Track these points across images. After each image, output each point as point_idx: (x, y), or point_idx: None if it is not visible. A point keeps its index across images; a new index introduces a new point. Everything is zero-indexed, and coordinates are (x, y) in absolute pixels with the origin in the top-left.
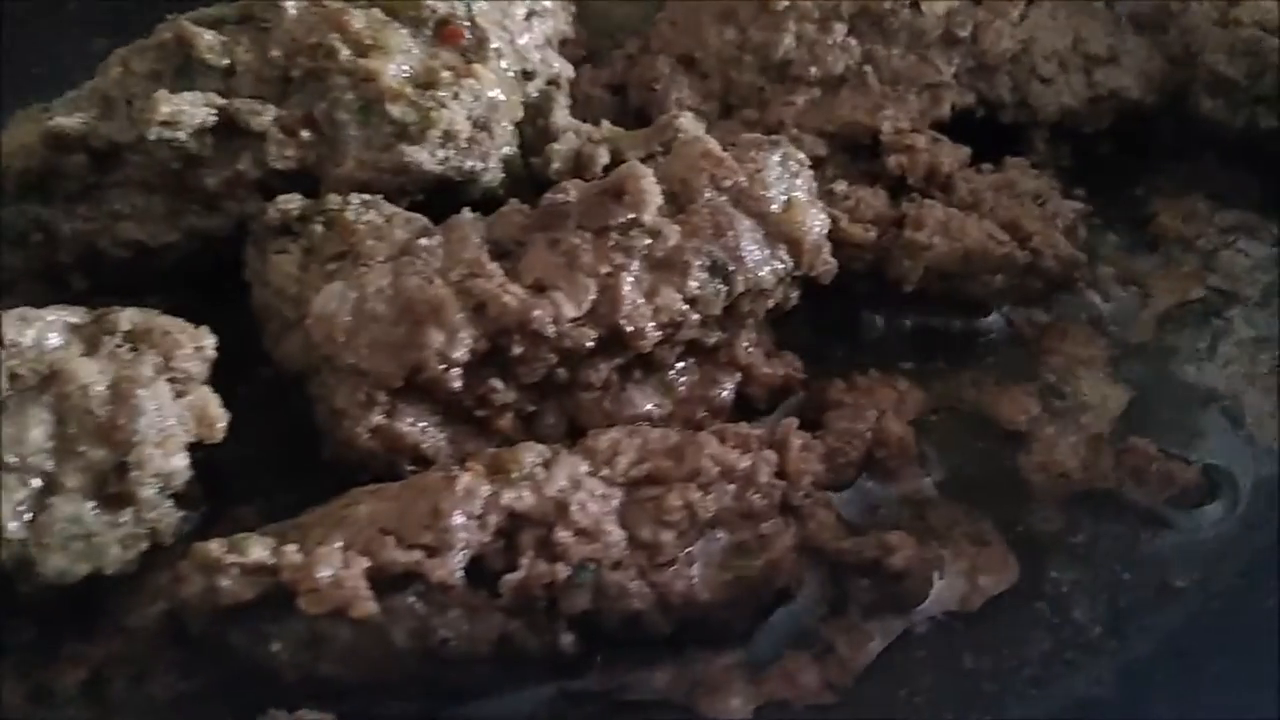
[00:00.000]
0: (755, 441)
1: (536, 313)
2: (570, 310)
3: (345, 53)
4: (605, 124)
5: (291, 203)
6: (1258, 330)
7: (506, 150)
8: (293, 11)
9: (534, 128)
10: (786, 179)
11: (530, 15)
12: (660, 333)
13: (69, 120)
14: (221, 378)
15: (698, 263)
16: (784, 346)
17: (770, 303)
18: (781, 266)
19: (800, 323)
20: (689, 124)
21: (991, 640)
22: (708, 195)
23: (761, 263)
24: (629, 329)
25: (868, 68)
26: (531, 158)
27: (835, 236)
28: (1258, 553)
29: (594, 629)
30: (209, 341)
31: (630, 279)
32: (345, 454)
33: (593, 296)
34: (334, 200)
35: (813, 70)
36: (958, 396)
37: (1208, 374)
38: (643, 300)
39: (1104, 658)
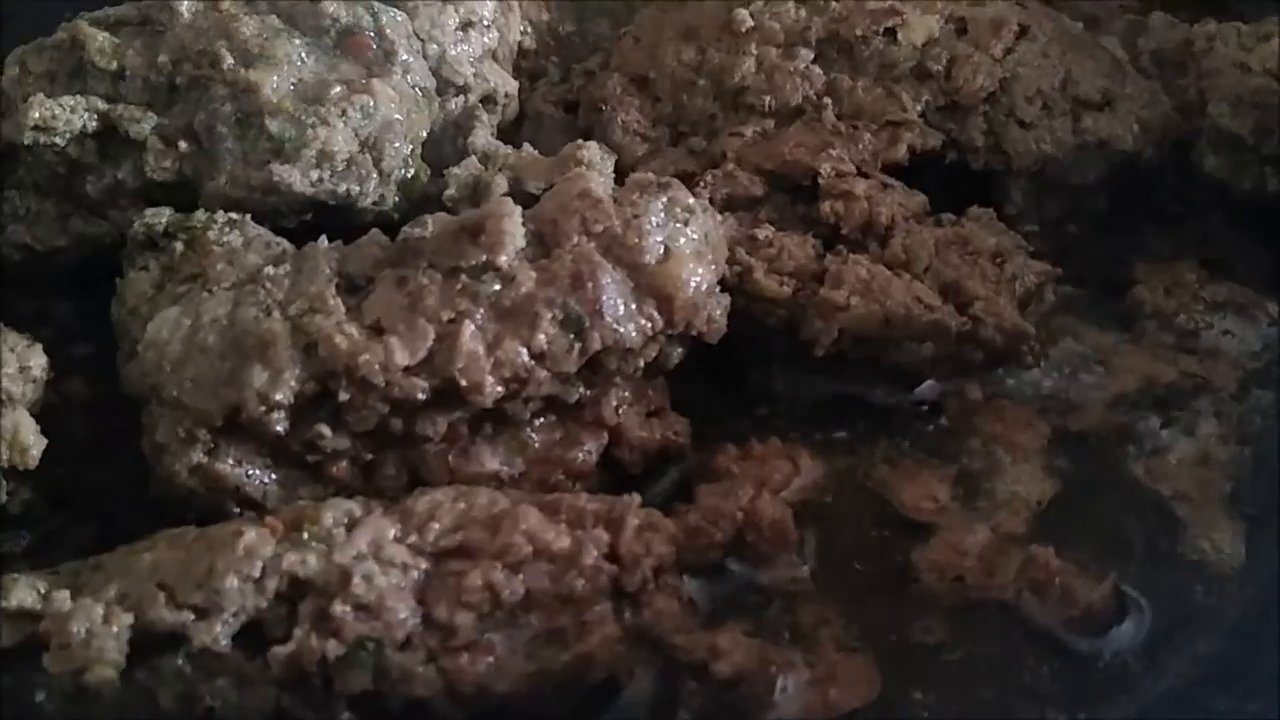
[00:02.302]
0: (590, 517)
1: (364, 357)
2: (402, 357)
3: (229, 61)
4: (525, 148)
5: (159, 217)
6: (1224, 428)
7: (400, 172)
8: (186, 16)
9: (453, 147)
10: (669, 228)
11: (467, 26)
12: (502, 388)
13: None
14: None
15: (549, 314)
16: (684, 405)
17: (641, 361)
18: (648, 324)
19: (705, 380)
20: (592, 156)
21: None
22: (576, 240)
23: (625, 318)
24: (464, 382)
25: (827, 99)
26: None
27: (747, 288)
28: (1159, 699)
29: (378, 711)
30: (37, 362)
31: (472, 328)
32: (167, 490)
33: (430, 344)
34: (199, 218)
35: (767, 100)
36: (864, 474)
37: (1155, 474)
38: (483, 352)
39: None
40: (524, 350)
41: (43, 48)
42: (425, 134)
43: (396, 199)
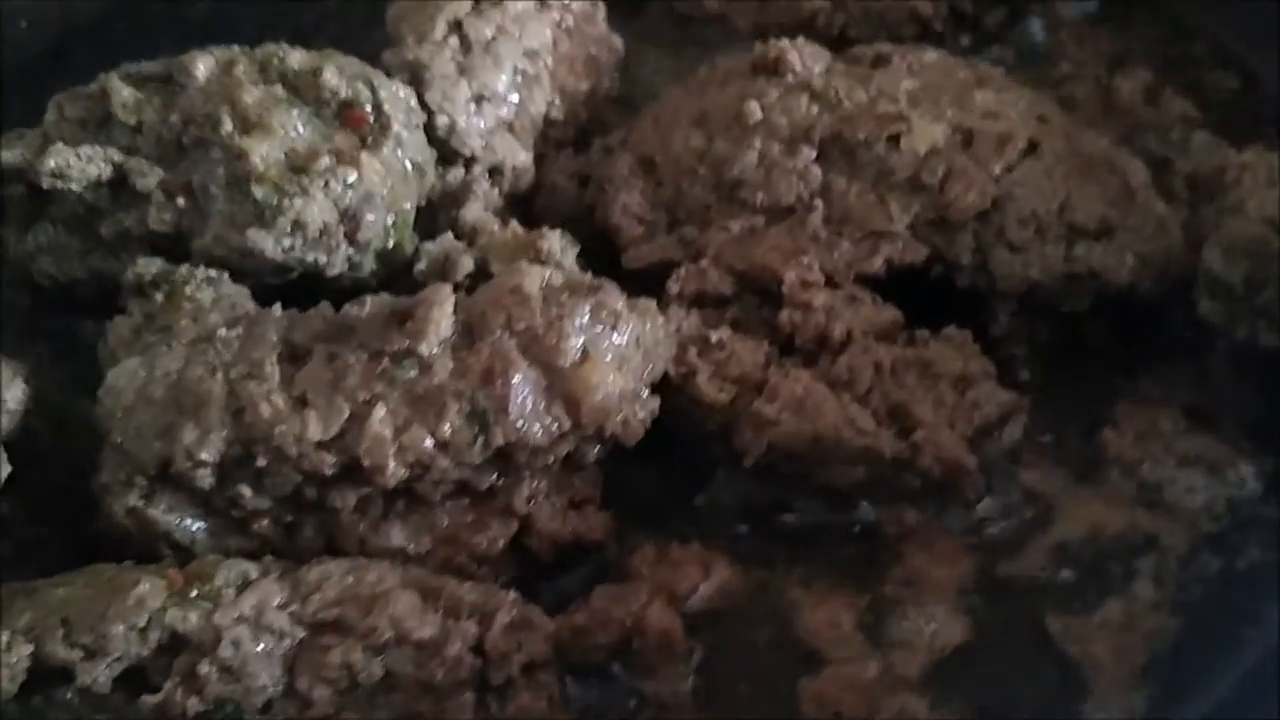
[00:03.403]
0: (466, 608)
1: (281, 428)
2: (315, 433)
3: (228, 126)
4: (512, 225)
5: (150, 267)
6: (1159, 593)
7: (379, 243)
8: (200, 79)
9: (446, 218)
10: (592, 331)
11: (480, 100)
12: (405, 471)
13: (10, 153)
14: None
15: (456, 406)
16: (621, 499)
17: (551, 458)
18: (555, 425)
19: (648, 476)
20: (552, 246)
21: None
22: (497, 335)
23: (532, 417)
24: (368, 463)
25: (818, 201)
26: None
27: (689, 390)
28: None
29: None
30: (13, 395)
31: (383, 411)
32: (108, 527)
33: (343, 422)
34: (182, 272)
35: (760, 196)
36: (777, 591)
37: (1072, 633)
38: (390, 436)
39: None
40: (429, 438)
41: (78, 95)
42: (410, 206)
43: (375, 267)
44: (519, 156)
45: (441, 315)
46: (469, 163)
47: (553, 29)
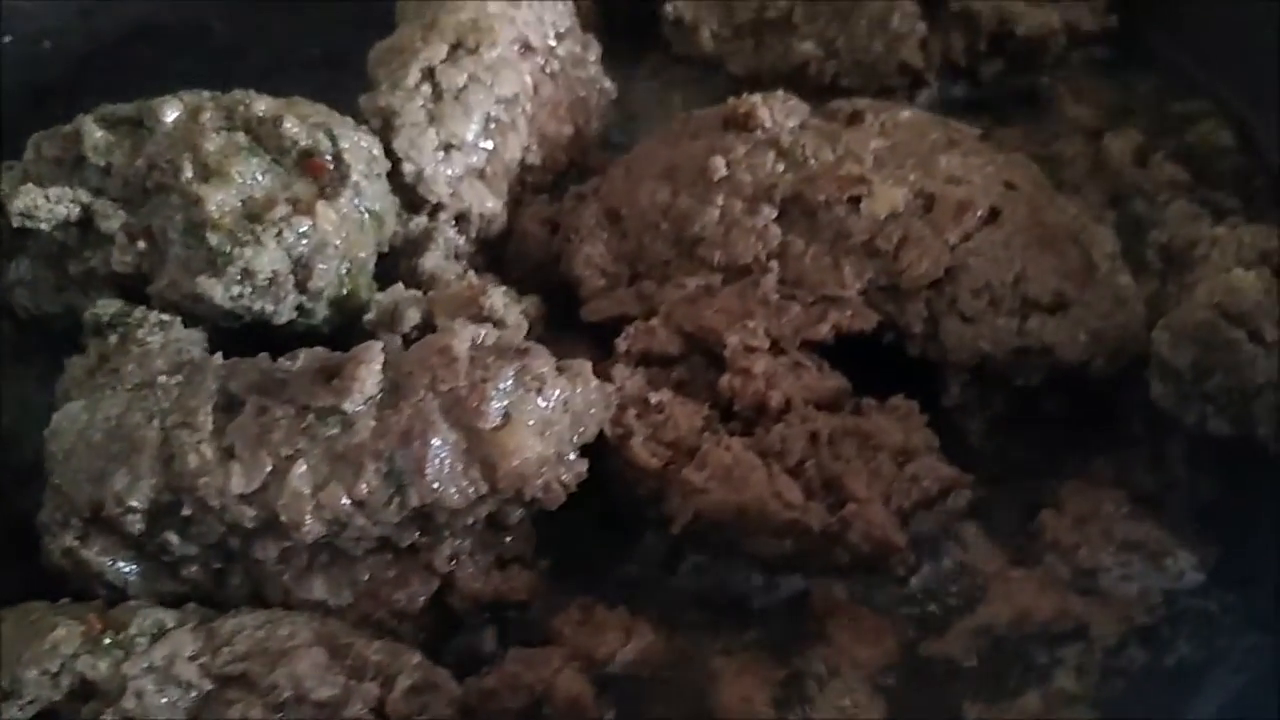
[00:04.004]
0: (371, 668)
1: (205, 479)
2: (237, 485)
3: (188, 173)
4: (468, 276)
5: (109, 308)
6: (1081, 685)
7: (333, 291)
8: (168, 124)
9: (406, 266)
10: (516, 396)
11: (449, 148)
12: (323, 528)
13: None
14: None
15: (374, 466)
16: (557, 555)
17: (471, 519)
18: (472, 488)
19: (586, 534)
20: (494, 304)
21: None
22: (420, 396)
23: (448, 480)
24: (285, 519)
25: (774, 263)
26: None
27: (623, 453)
28: None
29: None
30: None
31: (304, 468)
32: (47, 564)
33: (265, 476)
34: (136, 315)
35: (718, 255)
36: (698, 661)
37: None
38: (308, 493)
39: None
40: (346, 497)
41: (55, 135)
42: (367, 255)
43: (329, 314)
44: (487, 204)
45: (368, 374)
46: (435, 210)
47: (535, 74)
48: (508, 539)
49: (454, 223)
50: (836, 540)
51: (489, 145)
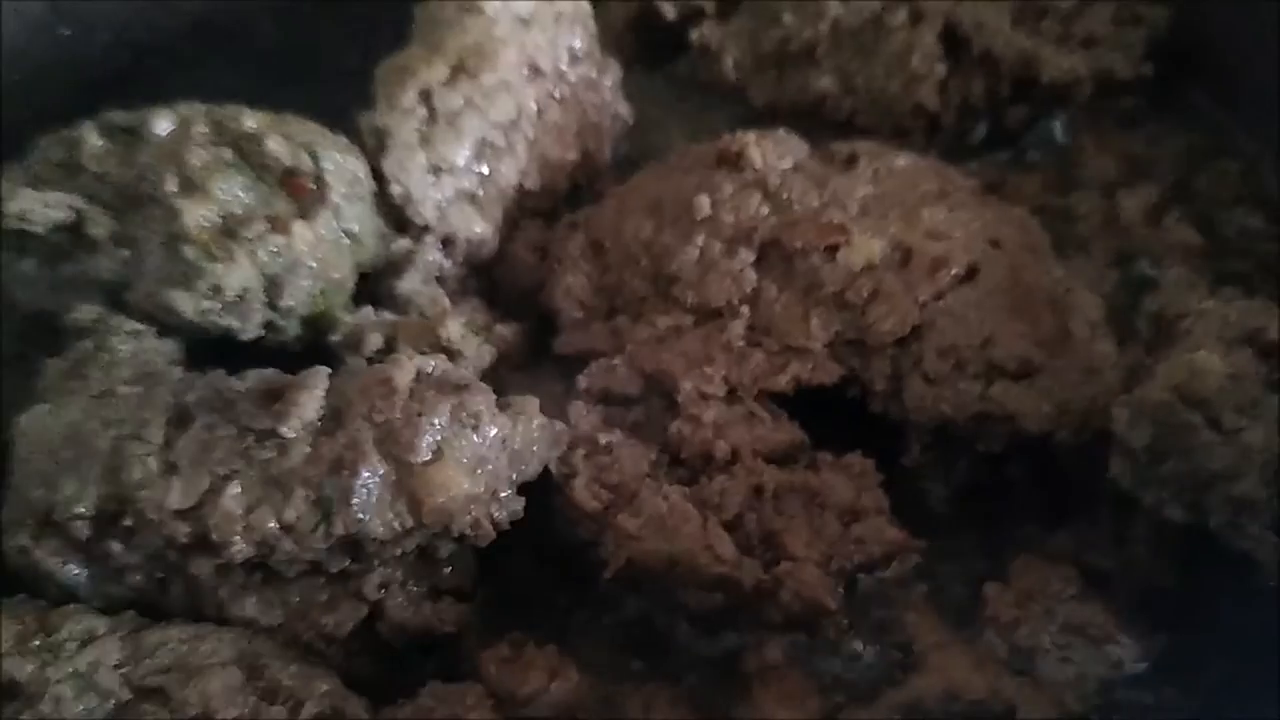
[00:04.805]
0: (282, 693)
1: (145, 493)
2: (175, 501)
3: (171, 186)
4: (442, 301)
5: (89, 313)
6: None
7: (304, 309)
8: (159, 135)
9: (384, 286)
10: (450, 431)
11: (438, 170)
12: (252, 549)
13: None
14: None
15: (304, 493)
16: (501, 588)
17: (399, 550)
18: (397, 521)
19: (529, 570)
20: (453, 335)
21: None
22: (357, 425)
23: (374, 512)
24: (215, 537)
25: (745, 308)
26: None
27: (566, 493)
28: None
29: None
30: None
31: (237, 488)
32: (8, 562)
33: (202, 494)
34: (113, 323)
35: (690, 296)
36: (619, 709)
37: None
38: (240, 513)
39: None
40: (274, 521)
41: (60, 139)
42: (343, 275)
43: (300, 332)
44: (475, 228)
45: (309, 399)
46: (421, 232)
47: (541, 98)
48: (446, 570)
49: (441, 246)
50: (767, 598)
51: (483, 169)
